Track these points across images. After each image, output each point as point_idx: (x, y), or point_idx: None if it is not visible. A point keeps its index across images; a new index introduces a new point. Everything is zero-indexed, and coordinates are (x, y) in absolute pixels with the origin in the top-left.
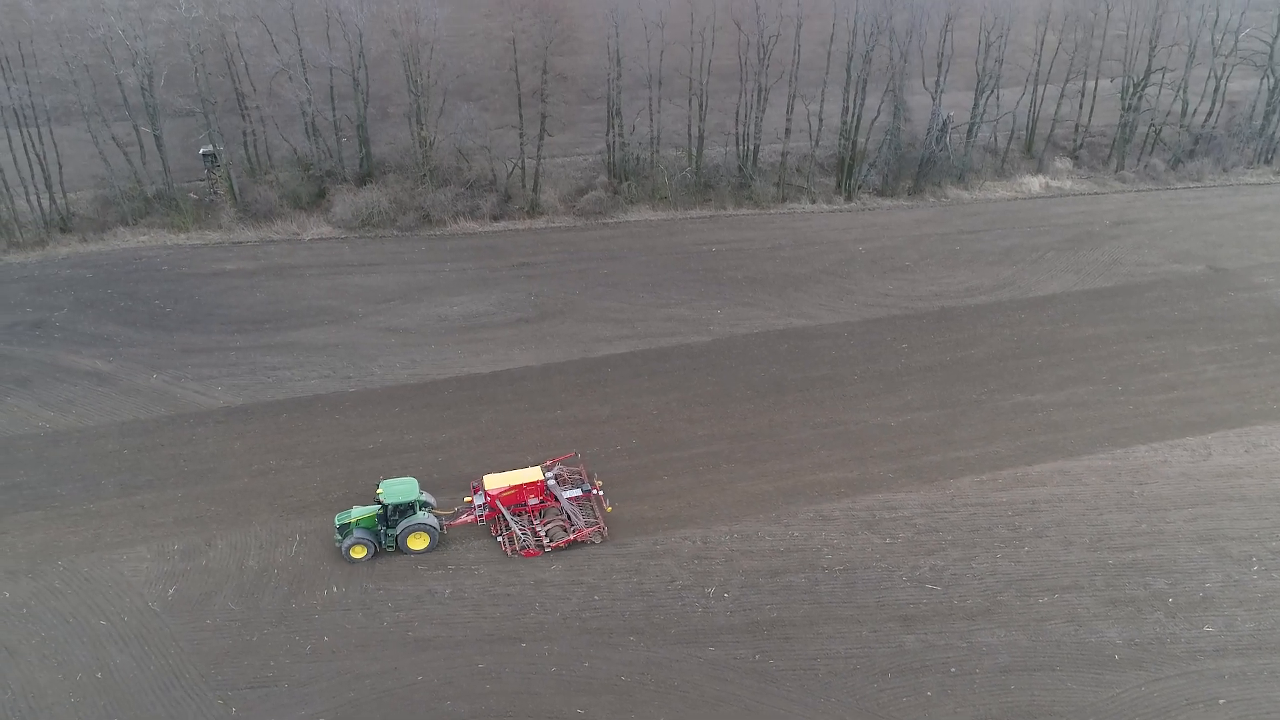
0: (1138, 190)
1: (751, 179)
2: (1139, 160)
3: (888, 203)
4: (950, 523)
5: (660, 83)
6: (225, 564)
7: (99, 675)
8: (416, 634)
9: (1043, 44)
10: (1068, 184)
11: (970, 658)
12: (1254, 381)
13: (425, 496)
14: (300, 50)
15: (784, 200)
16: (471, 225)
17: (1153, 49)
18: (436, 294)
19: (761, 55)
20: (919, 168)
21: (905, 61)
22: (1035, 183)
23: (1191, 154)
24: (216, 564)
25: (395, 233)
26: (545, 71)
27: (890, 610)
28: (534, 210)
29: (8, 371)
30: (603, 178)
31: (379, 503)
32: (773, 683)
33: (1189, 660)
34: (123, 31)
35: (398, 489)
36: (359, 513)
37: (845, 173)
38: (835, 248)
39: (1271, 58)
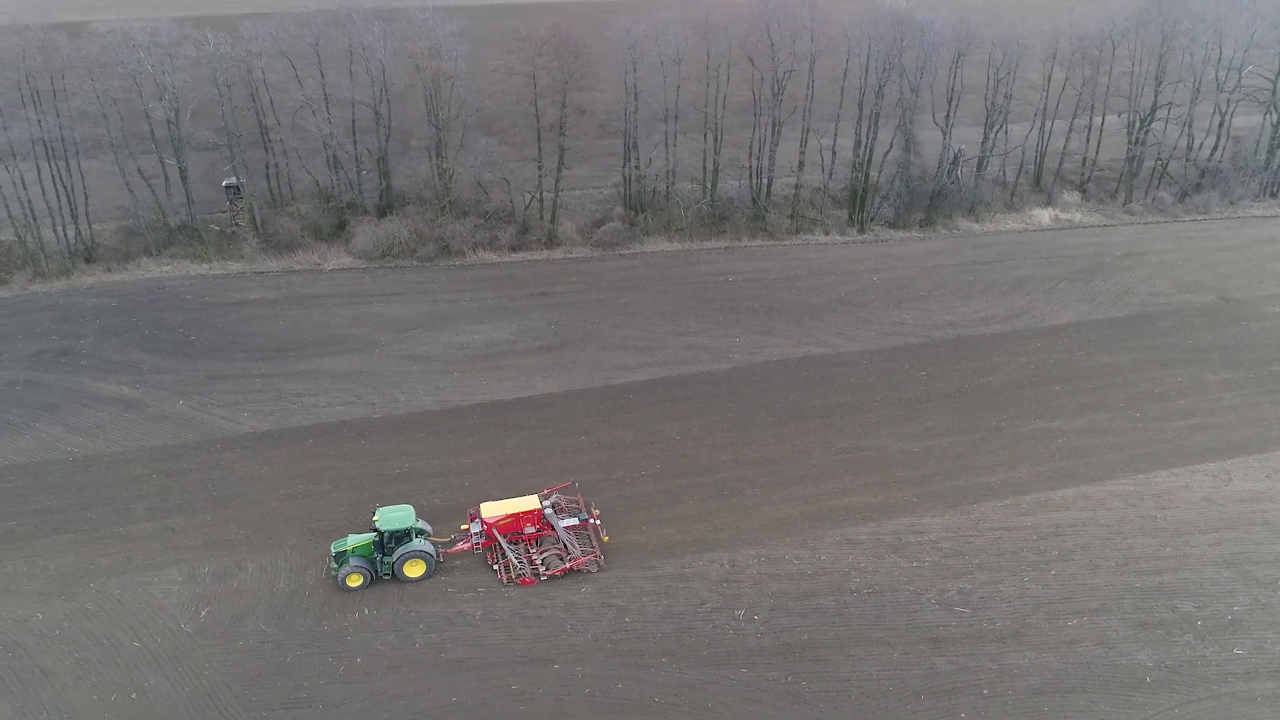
0: (1146, 222)
1: (766, 211)
2: (1146, 193)
3: (900, 234)
4: (976, 546)
5: (676, 117)
6: (256, 586)
7: (134, 696)
8: (449, 655)
9: (1050, 80)
10: (1077, 216)
11: (1002, 680)
12: (1271, 409)
13: (422, 524)
14: (324, 85)
15: (798, 232)
16: (490, 256)
17: (1158, 85)
18: (457, 322)
19: (775, 90)
20: (930, 200)
21: (916, 97)
22: (1045, 215)
23: (1198, 187)
24: (247, 586)
25: (415, 263)
26: (564, 106)
27: (920, 633)
28: (552, 241)
29: (36, 398)
30: (619, 209)
31: (375, 530)
32: (806, 704)
33: (1220, 683)
34: (152, 67)
35: (394, 516)
36: (355, 540)
37: (858, 205)
38: (850, 278)
39: (1274, 94)
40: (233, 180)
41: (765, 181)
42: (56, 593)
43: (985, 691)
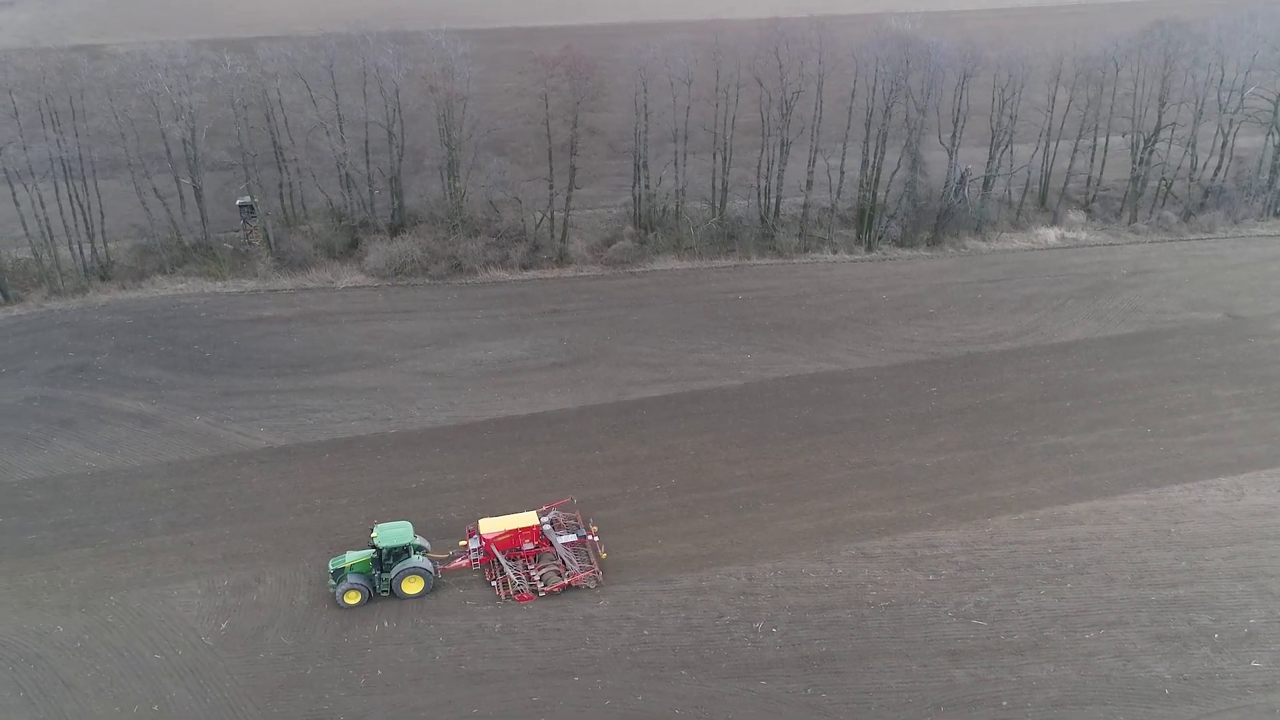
0: (1151, 241)
1: (774, 230)
2: (1151, 213)
3: (907, 253)
4: (991, 560)
5: (686, 137)
6: (276, 599)
7: (155, 708)
8: (469, 667)
9: (1054, 101)
10: (1083, 235)
11: (1021, 692)
12: None
13: (420, 540)
14: (338, 106)
15: (806, 250)
16: (502, 274)
17: (1161, 106)
18: (470, 339)
19: (784, 111)
20: (937, 219)
21: (922, 118)
22: (1051, 234)
23: (1202, 207)
24: (267, 599)
25: (427, 281)
26: (575, 126)
27: (938, 645)
28: (562, 259)
29: (53, 413)
30: (629, 228)
31: (373, 547)
32: (826, 716)
33: (1239, 694)
34: (169, 88)
35: (392, 532)
36: (353, 557)
37: (865, 224)
38: (859, 295)
39: (1276, 115)
40: (247, 199)
41: (774, 201)
42: (77, 605)
43: (1004, 703)
